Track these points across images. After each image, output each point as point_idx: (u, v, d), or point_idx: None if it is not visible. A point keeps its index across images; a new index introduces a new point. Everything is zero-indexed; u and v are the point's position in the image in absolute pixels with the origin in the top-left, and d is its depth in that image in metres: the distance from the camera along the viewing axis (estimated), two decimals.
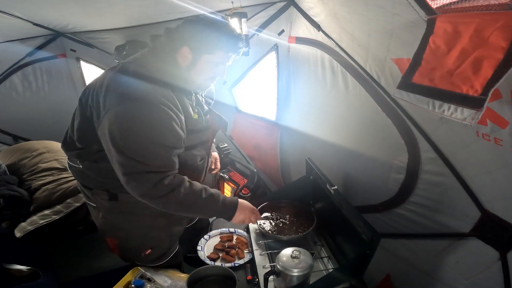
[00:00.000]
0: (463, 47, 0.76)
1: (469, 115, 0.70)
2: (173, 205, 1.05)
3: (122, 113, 0.94)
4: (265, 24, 1.98)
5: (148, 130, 0.96)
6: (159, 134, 0.97)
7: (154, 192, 1.00)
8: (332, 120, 1.77)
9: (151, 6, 1.73)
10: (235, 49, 1.09)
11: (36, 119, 3.02)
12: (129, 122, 0.95)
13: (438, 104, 0.79)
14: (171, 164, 1.03)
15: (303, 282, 1.14)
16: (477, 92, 0.69)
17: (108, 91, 0.97)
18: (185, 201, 1.05)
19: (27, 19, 1.92)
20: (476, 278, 1.10)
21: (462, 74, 0.74)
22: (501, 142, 0.84)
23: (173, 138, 1.01)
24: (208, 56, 1.06)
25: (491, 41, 0.69)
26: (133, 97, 0.95)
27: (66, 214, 1.78)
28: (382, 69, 1.25)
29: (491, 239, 1.03)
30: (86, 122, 1.05)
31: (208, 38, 1.03)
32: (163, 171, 1.01)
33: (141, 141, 0.96)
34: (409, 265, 1.42)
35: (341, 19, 1.37)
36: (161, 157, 1.00)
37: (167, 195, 1.01)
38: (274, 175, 2.64)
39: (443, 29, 0.82)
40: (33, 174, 1.99)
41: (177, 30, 1.06)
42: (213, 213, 1.17)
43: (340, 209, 1.32)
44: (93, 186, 1.19)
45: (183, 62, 1.06)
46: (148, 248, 1.28)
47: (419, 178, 1.26)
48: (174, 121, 1.00)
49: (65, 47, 2.84)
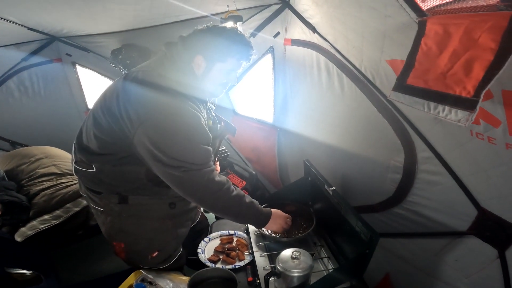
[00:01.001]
0: (454, 48, 0.77)
1: (463, 117, 0.71)
2: (222, 203, 1.12)
3: (160, 122, 0.99)
4: (261, 26, 1.99)
5: (188, 132, 1.03)
6: (197, 134, 1.05)
7: (208, 188, 1.07)
8: (328, 121, 1.78)
9: (146, 10, 1.74)
10: (246, 56, 1.13)
11: (33, 125, 3.01)
12: (169, 129, 1.00)
13: (433, 106, 0.80)
14: (212, 159, 1.12)
15: (303, 283, 1.15)
16: (469, 94, 0.71)
17: (139, 102, 1.01)
18: (233, 200, 1.13)
19: (22, 24, 1.92)
20: (476, 276, 1.10)
21: (455, 76, 0.75)
22: (494, 141, 0.85)
23: (207, 136, 1.09)
24: (221, 64, 1.10)
25: (481, 42, 0.71)
26: (165, 105, 1.00)
27: (66, 219, 1.80)
28: (377, 70, 1.26)
29: (488, 237, 1.03)
30: (111, 131, 1.06)
31: (220, 46, 1.08)
32: (209, 165, 1.08)
33: (185, 143, 1.03)
34: (408, 265, 1.43)
35: (335, 21, 1.39)
36: (205, 154, 1.07)
37: (219, 191, 1.08)
38: (272, 177, 2.65)
39: (434, 30, 0.83)
40: (31, 180, 2.00)
41: (190, 39, 1.10)
42: (251, 218, 1.24)
43: (338, 210, 1.33)
44: (104, 190, 1.20)
45: (198, 70, 1.11)
46: (155, 251, 1.29)
47: (416, 178, 1.27)
48: (203, 121, 1.08)
49: (61, 52, 2.83)
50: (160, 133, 1.00)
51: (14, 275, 1.44)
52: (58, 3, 1.55)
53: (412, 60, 0.89)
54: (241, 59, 1.13)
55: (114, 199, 1.18)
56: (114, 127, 1.05)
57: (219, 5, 1.67)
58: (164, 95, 1.02)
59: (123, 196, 1.18)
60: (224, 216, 1.22)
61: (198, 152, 1.05)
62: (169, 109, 1.00)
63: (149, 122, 0.98)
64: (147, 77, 1.06)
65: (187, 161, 1.02)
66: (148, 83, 1.04)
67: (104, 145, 1.10)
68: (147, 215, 1.23)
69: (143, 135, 0.99)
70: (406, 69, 0.90)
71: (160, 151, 1.00)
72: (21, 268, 1.46)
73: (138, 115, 0.99)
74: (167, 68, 1.09)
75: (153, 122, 0.99)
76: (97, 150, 1.12)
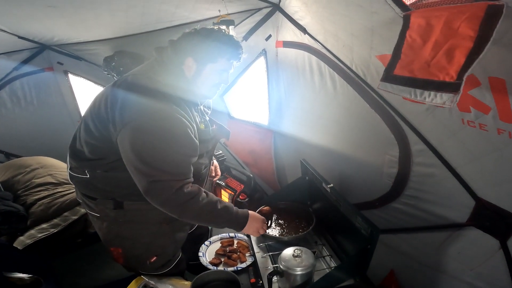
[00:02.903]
0: (436, 39, 0.81)
1: (448, 99, 0.74)
2: (190, 213, 1.09)
3: (142, 125, 0.98)
4: (252, 30, 2.02)
5: (168, 141, 1.00)
6: (178, 143, 1.02)
7: (174, 200, 1.03)
8: (323, 120, 1.80)
9: (138, 16, 1.75)
10: (236, 55, 1.14)
11: (27, 135, 2.98)
12: (150, 134, 0.98)
13: (419, 92, 0.84)
14: (189, 171, 1.08)
15: (307, 281, 1.14)
16: (452, 78, 0.74)
17: (125, 104, 1.00)
18: (203, 209, 1.09)
19: (12, 32, 1.92)
20: (481, 268, 1.09)
21: (438, 64, 0.79)
22: (486, 127, 0.87)
23: (190, 146, 1.06)
24: (211, 65, 1.10)
25: (460, 32, 0.75)
26: (150, 109, 0.99)
27: (64, 227, 1.81)
28: (367, 67, 1.28)
29: (488, 227, 1.03)
30: (100, 135, 1.06)
31: (210, 47, 1.08)
32: (183, 179, 1.05)
33: (163, 151, 1.00)
34: (411, 260, 1.42)
35: (325, 21, 1.42)
36: (181, 165, 1.05)
37: (187, 203, 1.05)
38: (270, 179, 2.65)
39: (417, 23, 0.87)
40: (27, 190, 2.02)
41: (180, 42, 1.10)
42: (226, 223, 1.20)
43: (337, 207, 1.33)
44: (98, 196, 1.19)
45: (189, 73, 1.11)
46: (153, 256, 1.27)
47: (412, 171, 1.28)
48: (190, 129, 1.04)
49: (52, 60, 2.82)
50: (140, 136, 0.98)
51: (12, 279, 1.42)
52: (48, 11, 1.54)
53: (398, 52, 0.92)
54: (231, 59, 1.13)
55: (109, 204, 1.17)
56: (103, 132, 1.04)
57: (210, 10, 1.69)
58: (151, 99, 1.00)
59: (118, 201, 1.17)
60: (197, 223, 1.21)
61: (174, 161, 1.02)
62: (154, 114, 0.99)
63: (131, 125, 0.97)
64: (136, 80, 1.06)
65: (160, 169, 1.00)
66: (136, 86, 1.03)
67: (94, 150, 1.10)
68: (143, 220, 1.22)
69: (124, 137, 0.99)
70: (392, 61, 0.94)
71: (136, 154, 0.98)
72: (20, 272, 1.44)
73: (123, 117, 0.98)
74: (157, 72, 1.09)
75: (135, 125, 0.98)
76: (89, 155, 1.12)
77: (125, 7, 1.55)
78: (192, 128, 1.06)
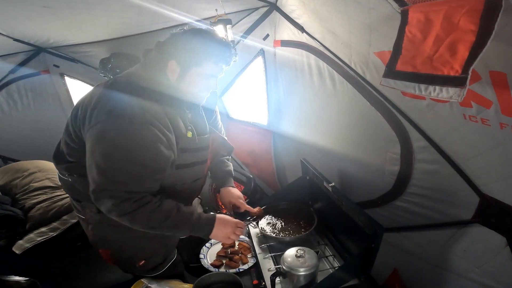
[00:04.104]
0: (437, 33, 0.80)
1: (454, 93, 0.73)
2: (140, 223, 1.02)
3: (107, 129, 0.92)
4: (250, 29, 2.01)
5: (130, 150, 0.93)
6: (140, 156, 0.94)
7: (119, 210, 0.97)
8: (323, 119, 1.79)
9: (134, 17, 1.73)
10: (224, 59, 1.05)
11: (24, 139, 2.97)
12: (112, 140, 0.92)
13: (424, 87, 0.82)
14: (147, 187, 0.99)
15: (310, 282, 1.13)
16: (457, 72, 0.73)
17: (97, 105, 0.95)
18: (152, 219, 1.01)
19: (7, 35, 1.90)
20: (487, 265, 1.08)
21: (441, 58, 0.78)
22: (488, 122, 0.86)
23: (154, 161, 0.97)
24: (196, 69, 1.02)
25: (461, 26, 0.74)
26: (120, 114, 0.92)
27: (63, 231, 1.82)
28: (366, 64, 1.28)
29: (494, 224, 1.01)
30: (75, 137, 1.03)
31: (195, 50, 1.00)
32: (136, 192, 0.97)
33: (121, 160, 0.93)
34: (416, 258, 1.41)
35: (323, 19, 1.41)
36: (138, 179, 0.96)
37: (133, 212, 0.97)
38: (270, 180, 2.63)
39: (416, 18, 0.86)
40: (26, 194, 2.01)
41: (165, 43, 1.04)
42: (187, 231, 1.11)
43: (339, 206, 1.32)
44: (82, 199, 1.16)
45: (172, 76, 1.04)
46: (141, 259, 1.25)
47: (414, 168, 1.27)
48: (161, 142, 0.97)
49: (48, 63, 2.80)
50: (100, 141, 0.92)
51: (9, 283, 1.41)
52: (43, 12, 1.53)
53: (398, 48, 0.91)
54: (219, 62, 1.04)
55: (93, 208, 1.13)
56: (78, 133, 1.01)
57: (207, 9, 1.69)
58: (125, 105, 0.94)
59: None
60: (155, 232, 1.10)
61: (129, 172, 0.95)
62: (121, 120, 0.92)
63: (96, 127, 0.92)
64: (116, 84, 1.00)
65: (111, 178, 0.93)
66: (114, 90, 0.98)
67: (71, 152, 1.07)
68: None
69: (87, 139, 0.94)
70: (393, 57, 0.93)
71: (93, 158, 0.93)
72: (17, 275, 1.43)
73: (91, 119, 0.94)
74: (139, 76, 1.04)
75: (99, 128, 0.92)
76: (67, 157, 1.09)
77: (121, 7, 1.54)
78: (166, 138, 0.98)
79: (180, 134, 1.05)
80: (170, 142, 1.00)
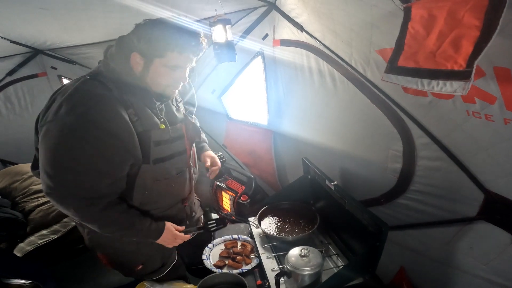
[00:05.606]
0: (440, 29, 0.79)
1: (459, 87, 0.73)
2: (96, 224, 1.03)
3: (61, 127, 0.88)
4: (249, 29, 2.00)
5: (83, 151, 0.90)
6: (94, 158, 0.92)
7: (73, 213, 0.98)
8: (324, 118, 1.78)
9: (132, 18, 1.71)
10: (189, 48, 0.98)
11: (23, 142, 2.88)
12: (64, 138, 0.88)
13: (427, 82, 0.82)
14: (100, 192, 0.97)
15: (315, 281, 1.12)
16: (462, 66, 0.73)
17: (53, 102, 0.93)
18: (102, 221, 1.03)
19: (4, 36, 1.89)
20: (494, 262, 1.06)
21: (444, 53, 0.77)
22: (492, 118, 0.86)
23: (109, 165, 0.94)
24: (160, 60, 0.97)
25: (465, 21, 0.73)
26: (76, 112, 0.88)
27: (65, 233, 1.82)
28: (367, 62, 1.27)
29: (500, 220, 1.00)
30: (36, 141, 1.01)
31: (156, 40, 0.95)
32: (88, 198, 0.95)
33: (73, 160, 0.90)
34: (422, 256, 1.40)
35: (322, 17, 1.40)
36: (90, 183, 0.94)
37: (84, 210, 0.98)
38: (271, 180, 2.62)
39: (419, 15, 0.86)
40: (25, 197, 2.02)
41: (128, 36, 1.00)
42: (134, 236, 1.11)
43: (342, 204, 1.31)
44: None
45: (136, 69, 1.00)
46: (139, 264, 1.24)
47: (417, 165, 1.26)
48: (121, 143, 0.94)
49: (45, 65, 2.78)
50: (50, 138, 0.89)
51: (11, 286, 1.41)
52: (40, 14, 1.51)
53: (401, 44, 0.91)
54: (184, 52, 0.97)
55: None
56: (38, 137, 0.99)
57: (206, 10, 1.68)
58: (86, 101, 0.91)
59: None
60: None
61: (83, 177, 0.92)
62: (79, 119, 0.89)
63: (49, 125, 0.90)
64: (78, 80, 0.97)
65: (60, 178, 0.91)
66: (76, 85, 0.94)
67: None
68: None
69: (43, 133, 0.91)
70: (396, 53, 0.92)
71: (42, 156, 0.90)
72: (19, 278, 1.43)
73: (48, 115, 0.91)
74: (101, 72, 1.00)
75: (50, 126, 0.89)
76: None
77: (118, 8, 1.53)
78: (128, 139, 0.96)
79: (151, 127, 1.02)
80: (134, 142, 0.98)
